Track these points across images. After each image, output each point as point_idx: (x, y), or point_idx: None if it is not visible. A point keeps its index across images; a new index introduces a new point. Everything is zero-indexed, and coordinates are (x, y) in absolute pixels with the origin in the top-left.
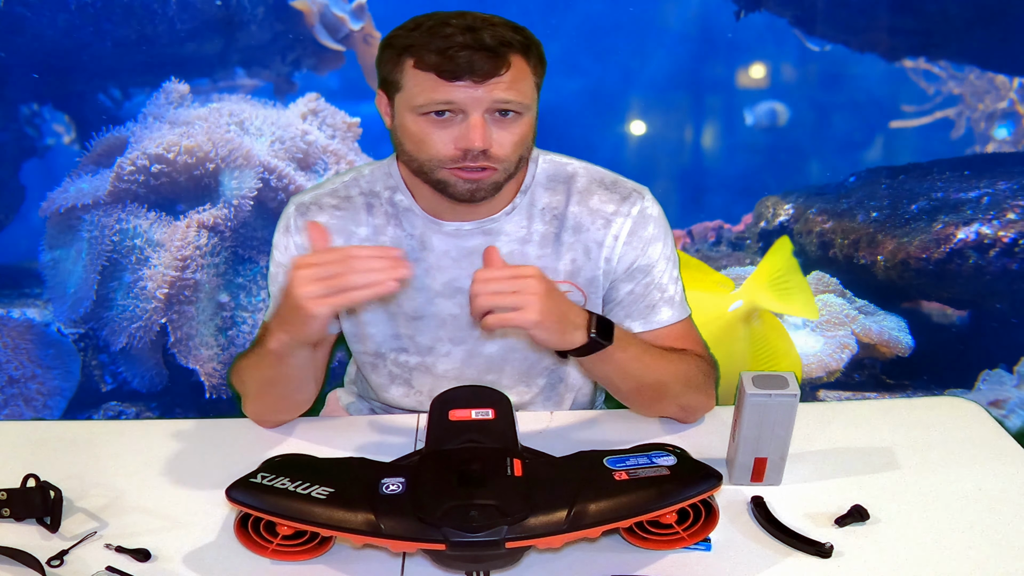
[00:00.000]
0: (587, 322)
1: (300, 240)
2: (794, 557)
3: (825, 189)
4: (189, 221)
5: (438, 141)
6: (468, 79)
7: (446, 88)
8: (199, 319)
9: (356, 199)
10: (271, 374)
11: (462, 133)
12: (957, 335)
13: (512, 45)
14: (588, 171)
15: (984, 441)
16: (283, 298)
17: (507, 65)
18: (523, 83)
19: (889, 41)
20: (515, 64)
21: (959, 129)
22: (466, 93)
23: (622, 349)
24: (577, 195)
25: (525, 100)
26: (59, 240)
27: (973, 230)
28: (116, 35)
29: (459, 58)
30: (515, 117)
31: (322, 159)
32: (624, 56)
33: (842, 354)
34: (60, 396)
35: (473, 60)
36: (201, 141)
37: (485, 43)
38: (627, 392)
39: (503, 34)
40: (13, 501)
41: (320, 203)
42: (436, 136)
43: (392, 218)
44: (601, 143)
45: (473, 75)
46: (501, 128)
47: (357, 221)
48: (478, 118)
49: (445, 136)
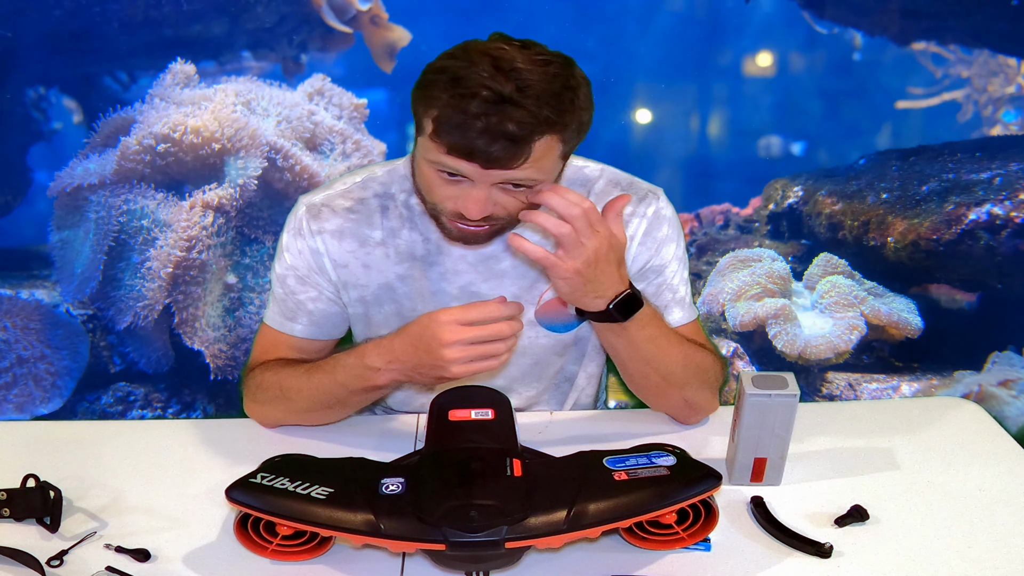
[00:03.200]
0: (616, 295)
1: (314, 244)
2: (794, 557)
3: (834, 171)
4: (195, 201)
5: (443, 194)
6: (479, 162)
7: (455, 160)
8: (205, 300)
9: (370, 201)
10: (349, 402)
11: (464, 199)
12: (967, 316)
13: (541, 129)
14: (603, 172)
15: (984, 441)
16: (415, 348)
17: (526, 155)
18: (545, 161)
19: (900, 23)
20: (540, 146)
21: (966, 112)
22: (474, 169)
23: (640, 327)
24: (594, 197)
25: (541, 177)
26: (67, 221)
27: (985, 211)
28: (122, 16)
29: (475, 143)
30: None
31: (328, 139)
32: (631, 41)
33: (851, 335)
34: (69, 376)
35: (490, 148)
36: (207, 121)
37: (507, 132)
38: (635, 371)
39: (536, 114)
40: (13, 501)
41: (332, 205)
42: (442, 189)
43: (407, 221)
44: (607, 128)
45: (487, 162)
46: (507, 195)
47: (372, 224)
48: (481, 193)
49: (449, 191)
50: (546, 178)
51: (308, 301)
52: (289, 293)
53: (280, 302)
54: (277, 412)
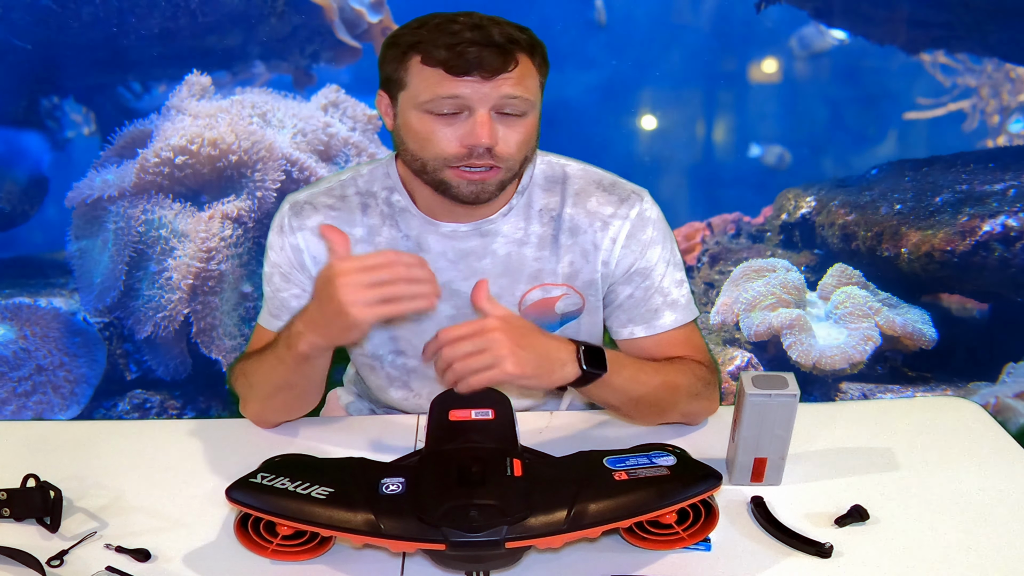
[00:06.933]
0: (575, 354)
1: (295, 240)
2: (794, 557)
3: (847, 181)
4: (213, 212)
5: (443, 139)
6: (477, 74)
7: (453, 83)
8: (222, 309)
9: (352, 199)
10: (290, 378)
11: (468, 130)
12: (981, 328)
13: (519, 43)
14: (586, 172)
15: (984, 441)
16: (320, 302)
17: (515, 62)
18: (529, 80)
19: (909, 33)
20: (522, 62)
21: (972, 122)
22: (474, 89)
23: (617, 372)
24: (572, 197)
25: (531, 97)
26: (85, 231)
27: (999, 222)
28: (139, 28)
29: (468, 53)
30: (521, 117)
31: (343, 151)
32: (641, 49)
33: (865, 346)
34: (86, 384)
35: (482, 56)
36: (224, 133)
37: (494, 40)
38: (625, 409)
39: (510, 32)
40: (13, 501)
41: (315, 202)
42: (441, 134)
43: (388, 218)
44: (615, 135)
45: (482, 70)
46: (507, 127)
47: (352, 221)
48: (484, 114)
49: (450, 134)
50: (535, 103)
51: (292, 299)
52: (275, 291)
53: (268, 301)
54: (252, 403)
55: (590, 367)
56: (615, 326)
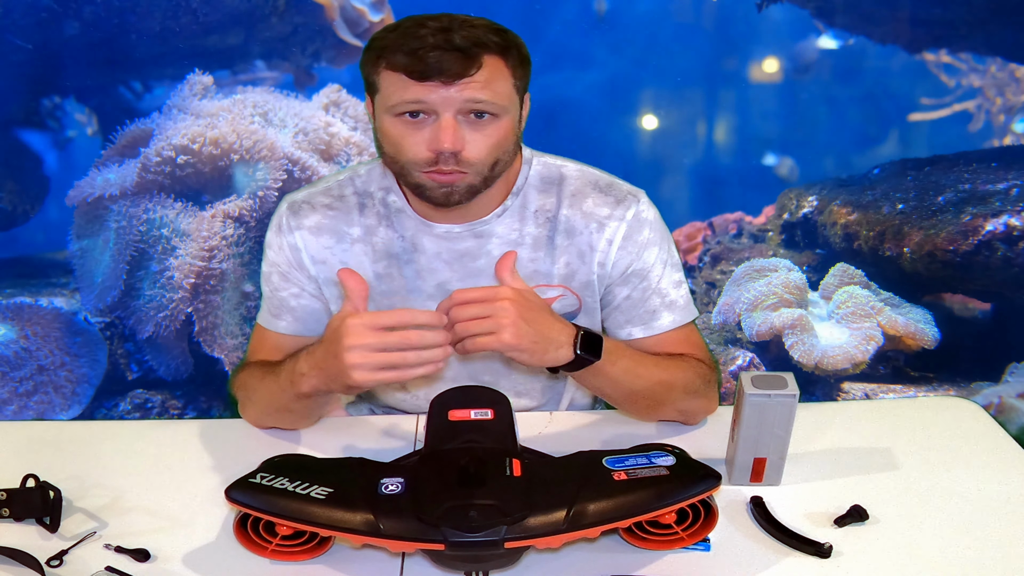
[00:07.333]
0: (573, 338)
1: (292, 240)
2: (793, 557)
3: (849, 181)
4: (215, 212)
5: (412, 144)
6: (437, 79)
7: (416, 88)
8: (224, 308)
9: (349, 198)
10: (290, 406)
11: (433, 135)
12: (984, 328)
13: (486, 46)
14: (582, 173)
15: (984, 441)
16: (326, 353)
17: (478, 65)
18: (498, 83)
19: (911, 32)
20: (489, 64)
21: (977, 122)
22: (436, 93)
23: (612, 363)
24: (568, 198)
25: (500, 101)
26: (87, 230)
27: (1002, 222)
28: (140, 28)
29: (428, 58)
30: (490, 119)
31: (344, 151)
32: (642, 49)
33: (868, 346)
34: (87, 384)
35: (442, 60)
36: (226, 132)
37: (455, 44)
38: (621, 401)
39: (478, 35)
40: (13, 501)
41: (312, 202)
42: (410, 138)
43: (384, 219)
44: (616, 135)
45: (442, 75)
46: (475, 130)
47: (349, 221)
48: (449, 119)
49: (418, 138)
50: (507, 106)
51: (291, 298)
52: (274, 290)
53: (267, 300)
54: (251, 412)
55: (584, 352)
56: (613, 327)
